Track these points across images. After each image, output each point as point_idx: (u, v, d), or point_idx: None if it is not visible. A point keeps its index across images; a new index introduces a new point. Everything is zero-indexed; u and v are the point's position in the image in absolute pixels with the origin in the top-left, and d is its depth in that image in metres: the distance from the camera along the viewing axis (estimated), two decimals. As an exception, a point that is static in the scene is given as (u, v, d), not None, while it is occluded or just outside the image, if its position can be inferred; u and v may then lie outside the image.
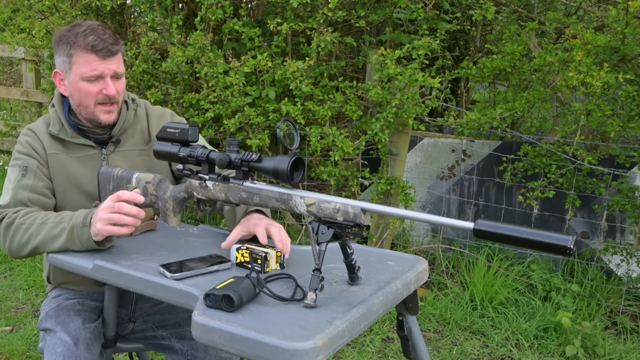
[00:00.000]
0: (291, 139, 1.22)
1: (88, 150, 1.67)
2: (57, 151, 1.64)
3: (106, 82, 1.58)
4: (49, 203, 1.61)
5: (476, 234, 1.04)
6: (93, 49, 1.54)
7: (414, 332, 1.47)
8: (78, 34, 1.56)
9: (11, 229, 1.50)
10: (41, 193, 1.60)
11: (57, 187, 1.64)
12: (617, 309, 3.02)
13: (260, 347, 1.03)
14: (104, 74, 1.57)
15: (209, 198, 1.38)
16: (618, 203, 3.08)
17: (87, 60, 1.55)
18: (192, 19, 3.53)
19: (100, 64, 1.56)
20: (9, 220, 1.50)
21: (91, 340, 1.55)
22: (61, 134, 1.64)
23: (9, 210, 1.54)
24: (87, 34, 1.55)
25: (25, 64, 5.02)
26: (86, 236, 1.42)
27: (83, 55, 1.55)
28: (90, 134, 1.67)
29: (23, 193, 1.57)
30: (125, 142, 1.72)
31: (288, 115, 3.06)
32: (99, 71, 1.56)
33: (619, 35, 2.84)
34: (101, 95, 1.59)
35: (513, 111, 3.22)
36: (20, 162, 1.61)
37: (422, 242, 3.63)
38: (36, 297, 3.23)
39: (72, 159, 1.65)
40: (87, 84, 1.58)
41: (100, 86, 1.58)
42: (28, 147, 1.63)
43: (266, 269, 1.36)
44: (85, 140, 1.66)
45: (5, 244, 1.52)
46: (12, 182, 1.59)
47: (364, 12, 3.19)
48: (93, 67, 1.56)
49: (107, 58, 1.57)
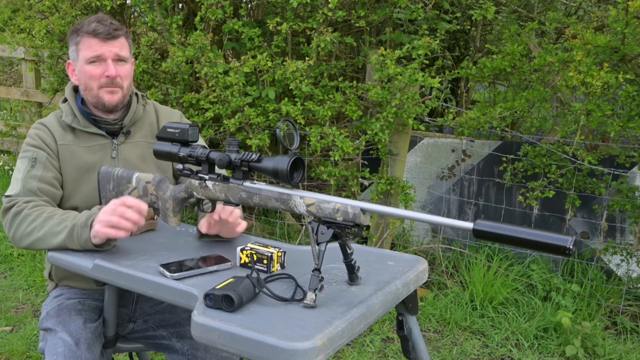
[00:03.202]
0: (291, 139, 1.22)
1: (99, 140, 1.71)
2: (68, 142, 1.68)
3: (107, 64, 1.63)
4: (57, 194, 1.64)
5: (476, 234, 1.04)
6: (95, 32, 1.61)
7: (413, 332, 1.47)
8: (84, 23, 1.64)
9: (18, 218, 1.52)
10: (50, 183, 1.62)
11: (67, 177, 1.67)
12: (617, 309, 3.02)
13: (260, 347, 1.03)
14: (105, 56, 1.63)
15: (208, 198, 1.39)
16: (618, 203, 3.08)
17: (89, 44, 1.62)
18: (192, 19, 3.53)
19: (100, 46, 1.62)
20: (19, 209, 1.53)
21: (92, 340, 1.55)
22: (74, 123, 1.68)
23: (20, 199, 1.56)
24: (91, 22, 1.63)
25: (25, 64, 5.02)
26: (85, 237, 1.42)
27: (87, 40, 1.63)
28: (102, 123, 1.71)
29: (32, 182, 1.60)
30: (135, 134, 1.76)
31: (288, 115, 3.06)
32: (99, 52, 1.62)
33: (619, 35, 2.84)
34: (104, 78, 1.63)
35: (513, 110, 3.22)
36: (29, 154, 1.64)
37: (422, 242, 3.63)
38: (36, 297, 3.23)
39: (83, 148, 1.69)
40: (90, 66, 1.63)
41: (102, 69, 1.63)
42: (38, 139, 1.66)
43: (272, 269, 1.36)
44: (97, 129, 1.70)
45: (10, 231, 1.54)
46: (21, 173, 1.62)
47: (364, 12, 3.19)
48: (94, 49, 1.62)
49: (108, 41, 1.62)
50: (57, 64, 3.89)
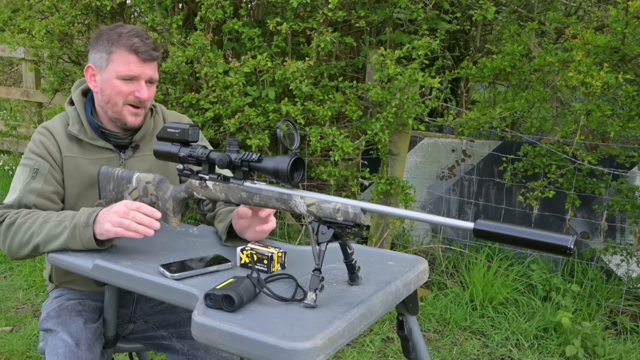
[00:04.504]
0: (291, 139, 1.22)
1: (106, 153, 1.66)
2: (73, 154, 1.62)
3: (140, 85, 1.59)
4: (55, 208, 1.60)
5: (476, 234, 1.04)
6: (136, 50, 1.56)
7: (414, 332, 1.47)
8: (122, 33, 1.58)
9: (12, 229, 1.49)
10: (48, 198, 1.58)
11: (70, 191, 1.62)
12: (617, 309, 3.02)
13: (260, 347, 1.03)
14: (140, 77, 1.59)
15: (209, 198, 1.39)
16: (618, 203, 3.08)
17: (126, 60, 1.57)
18: (192, 19, 3.53)
19: (138, 66, 1.57)
20: (11, 220, 1.50)
21: (92, 340, 1.55)
22: (80, 135, 1.62)
23: (11, 211, 1.53)
24: (131, 35, 1.57)
25: (25, 64, 5.02)
26: (88, 236, 1.41)
27: (124, 54, 1.57)
28: (111, 137, 1.66)
29: (30, 197, 1.56)
30: (144, 148, 1.71)
31: (288, 115, 3.06)
32: (136, 73, 1.58)
33: (619, 35, 2.84)
34: (132, 96, 1.59)
35: (513, 110, 3.22)
36: (31, 163, 1.59)
37: (422, 242, 3.63)
38: (36, 297, 3.23)
39: (89, 160, 1.64)
40: (121, 82, 1.58)
41: (133, 87, 1.59)
42: (42, 147, 1.61)
43: (272, 269, 1.36)
44: (105, 143, 1.65)
45: (5, 244, 1.51)
46: (20, 183, 1.57)
47: (364, 12, 3.19)
48: (131, 68, 1.57)
49: (147, 62, 1.59)
50: (57, 64, 3.89)
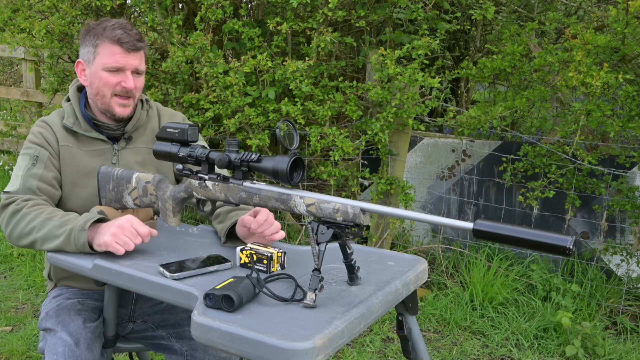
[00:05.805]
0: (291, 139, 1.22)
1: (100, 145, 1.70)
2: (69, 144, 1.67)
3: (126, 75, 1.63)
4: (56, 194, 1.64)
5: (476, 234, 1.04)
6: (119, 41, 1.60)
7: (413, 332, 1.47)
8: (107, 27, 1.62)
9: (16, 217, 1.51)
10: (49, 183, 1.62)
11: (65, 179, 1.66)
12: (617, 309, 3.02)
13: (259, 347, 1.03)
14: (125, 68, 1.63)
15: (208, 198, 1.39)
16: (618, 203, 3.07)
17: (111, 52, 1.61)
18: (192, 19, 3.53)
19: (123, 57, 1.61)
20: (18, 207, 1.52)
21: (92, 340, 1.55)
22: (75, 127, 1.67)
23: (19, 197, 1.56)
24: (115, 28, 1.61)
25: (25, 64, 5.02)
26: (82, 240, 1.42)
27: (108, 46, 1.61)
28: (104, 128, 1.70)
29: (32, 181, 1.59)
30: (137, 140, 1.75)
31: (288, 115, 3.06)
32: (121, 64, 1.62)
33: (619, 35, 2.84)
34: (119, 87, 1.63)
35: (513, 110, 3.22)
36: (31, 151, 1.64)
37: (422, 242, 3.63)
38: (36, 297, 3.23)
39: (84, 152, 1.68)
40: (107, 74, 1.62)
41: (119, 78, 1.63)
42: (40, 137, 1.66)
43: (271, 269, 1.36)
44: (97, 134, 1.69)
45: (7, 229, 1.53)
46: (22, 170, 1.61)
47: (364, 12, 3.19)
48: (116, 59, 1.61)
49: (131, 52, 1.62)
50: (57, 64, 3.89)
